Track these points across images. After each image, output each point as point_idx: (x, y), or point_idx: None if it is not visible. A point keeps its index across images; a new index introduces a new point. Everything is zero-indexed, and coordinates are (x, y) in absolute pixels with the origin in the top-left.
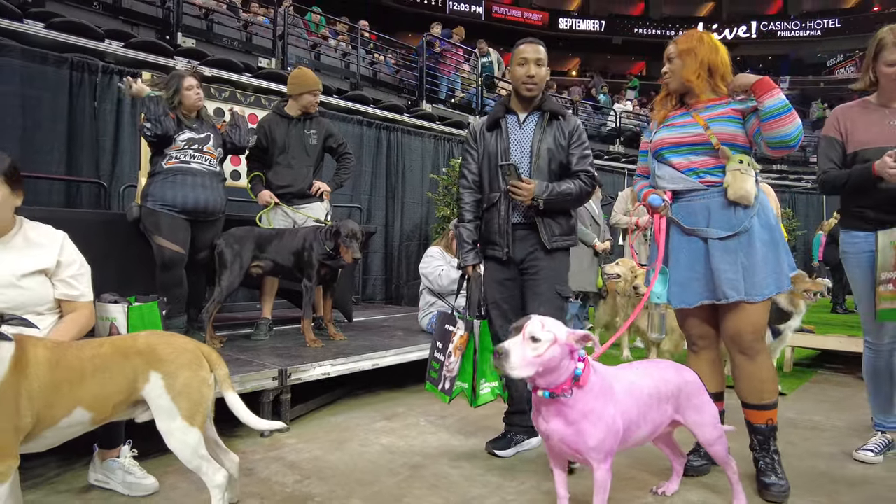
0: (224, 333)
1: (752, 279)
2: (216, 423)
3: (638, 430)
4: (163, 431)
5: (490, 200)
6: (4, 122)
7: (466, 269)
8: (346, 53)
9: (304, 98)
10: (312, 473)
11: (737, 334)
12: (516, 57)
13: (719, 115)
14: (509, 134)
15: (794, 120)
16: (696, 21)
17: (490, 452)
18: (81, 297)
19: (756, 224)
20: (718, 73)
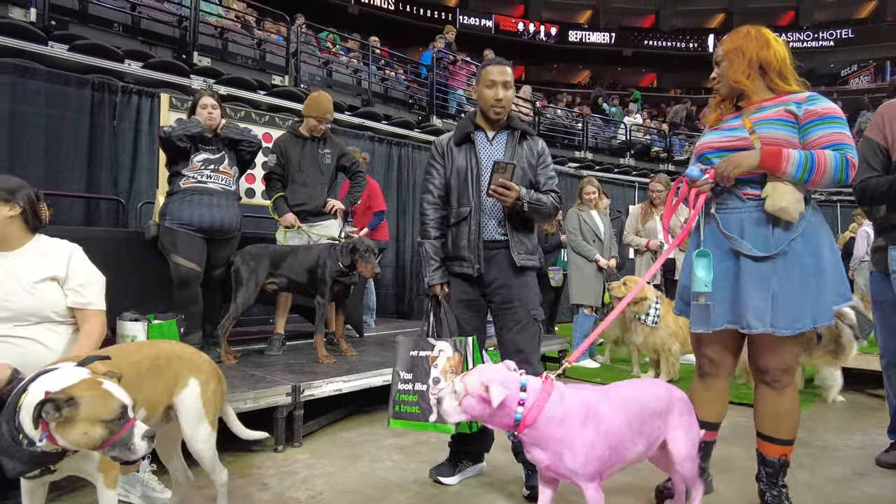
0: (238, 348)
1: (783, 310)
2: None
3: (634, 447)
4: (189, 435)
5: (459, 215)
6: (30, 142)
7: (433, 288)
8: (357, 70)
9: (310, 121)
10: (325, 489)
11: (765, 366)
12: (484, 78)
13: (769, 118)
14: (479, 150)
15: (827, 166)
16: (707, 32)
17: (434, 480)
18: (90, 304)
19: (798, 246)
20: (773, 68)
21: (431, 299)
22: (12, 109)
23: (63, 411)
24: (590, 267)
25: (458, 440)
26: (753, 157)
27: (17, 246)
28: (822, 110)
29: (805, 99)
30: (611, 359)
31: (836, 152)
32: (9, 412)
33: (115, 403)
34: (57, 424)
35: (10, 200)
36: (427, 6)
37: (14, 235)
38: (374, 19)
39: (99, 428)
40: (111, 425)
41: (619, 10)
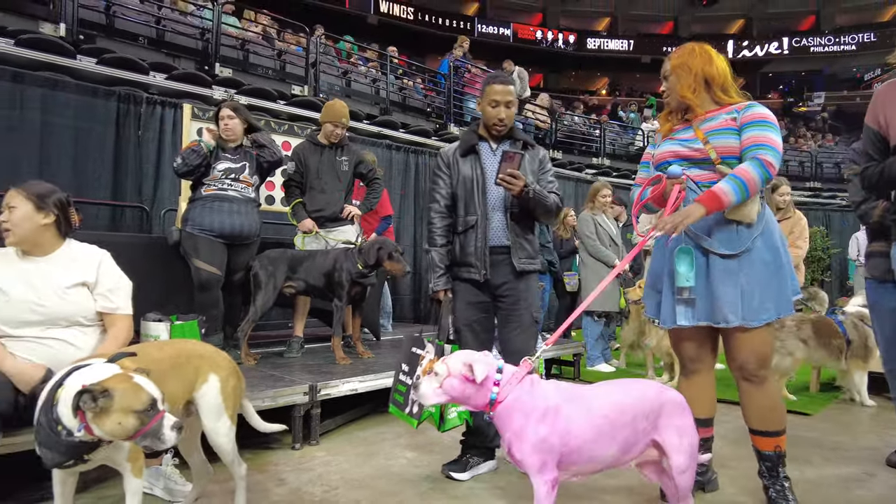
0: (258, 350)
1: (751, 303)
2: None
3: (606, 450)
4: (209, 429)
5: (467, 224)
6: (59, 152)
7: (437, 293)
8: (375, 79)
9: (326, 127)
10: (340, 484)
11: (742, 361)
12: (488, 96)
13: (717, 128)
14: (484, 161)
15: (753, 177)
16: (726, 38)
17: (446, 475)
18: (118, 309)
19: (759, 244)
20: (717, 83)
21: (435, 304)
22: (43, 120)
23: (99, 402)
24: (607, 272)
25: (469, 437)
26: (699, 209)
27: (50, 251)
28: (753, 115)
29: (743, 107)
30: (626, 363)
31: (752, 160)
32: (46, 406)
33: (146, 395)
34: (93, 415)
35: (44, 208)
36: (445, 15)
37: (47, 242)
38: (392, 29)
39: (131, 418)
40: (142, 416)
41: (637, 18)
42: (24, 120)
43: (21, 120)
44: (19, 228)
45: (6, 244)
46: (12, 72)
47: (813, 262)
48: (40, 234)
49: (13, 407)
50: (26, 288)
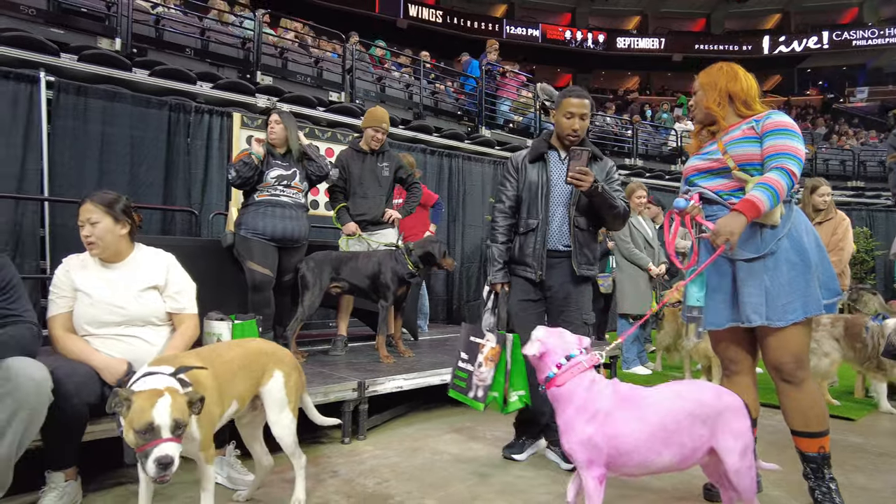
0: (304, 349)
1: (775, 303)
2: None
3: (657, 456)
4: (273, 421)
5: (528, 226)
6: (117, 160)
7: (495, 286)
8: (408, 85)
9: (367, 132)
10: (390, 477)
11: (777, 362)
12: (564, 108)
13: (736, 138)
14: (551, 168)
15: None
16: (762, 34)
17: (506, 457)
18: (184, 309)
19: (784, 246)
20: (739, 99)
21: (493, 295)
22: (102, 131)
23: (122, 408)
24: (642, 275)
25: (521, 422)
26: (741, 219)
27: (125, 257)
28: (772, 124)
29: (763, 116)
30: (662, 365)
31: (776, 169)
32: None
33: (145, 419)
34: (121, 418)
35: (120, 219)
36: (474, 18)
37: (123, 249)
38: (422, 32)
39: (131, 434)
40: (139, 436)
41: (668, 15)
42: (86, 131)
43: (84, 131)
44: (103, 241)
45: (91, 255)
46: (76, 86)
47: (856, 265)
48: (119, 243)
49: (100, 398)
50: (107, 292)
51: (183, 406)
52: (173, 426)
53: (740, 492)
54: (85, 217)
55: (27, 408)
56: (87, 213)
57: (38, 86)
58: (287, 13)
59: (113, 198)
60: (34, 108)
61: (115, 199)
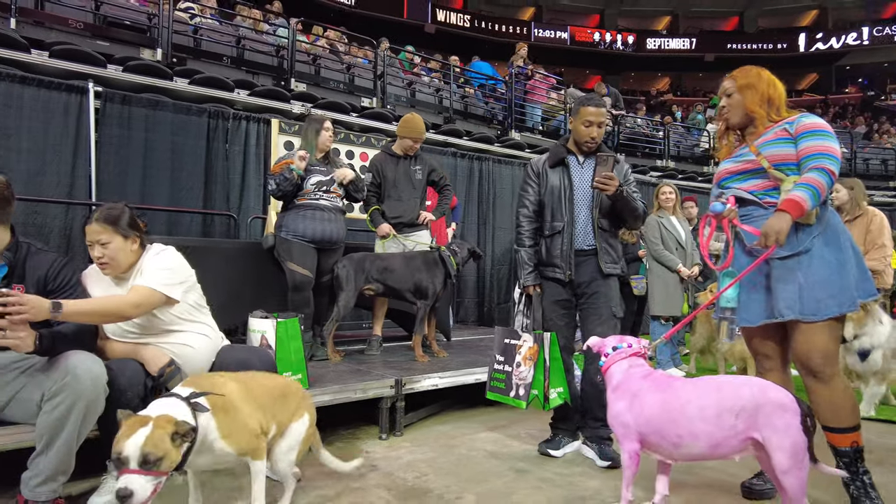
0: (341, 348)
1: (809, 299)
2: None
3: (682, 440)
4: (280, 455)
5: (554, 229)
6: (159, 166)
7: (527, 288)
8: (438, 89)
9: (405, 142)
10: (428, 471)
11: (805, 357)
12: (582, 117)
13: (769, 140)
14: (572, 172)
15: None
16: (798, 31)
17: (542, 453)
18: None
19: (819, 244)
20: (775, 105)
21: (525, 297)
22: (145, 138)
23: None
24: (672, 277)
25: (557, 421)
26: (786, 218)
27: (133, 269)
28: (807, 125)
29: (795, 118)
30: (696, 368)
31: (815, 169)
32: None
33: (116, 447)
34: None
35: (129, 235)
36: (501, 21)
37: (135, 260)
38: (450, 37)
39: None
40: (111, 462)
41: (699, 14)
42: (130, 138)
43: (128, 138)
44: (115, 261)
45: (104, 273)
46: (122, 95)
47: None
48: (131, 258)
49: (144, 388)
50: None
51: (160, 439)
52: (141, 459)
53: (786, 491)
54: (94, 238)
55: (85, 399)
56: (95, 234)
57: (87, 96)
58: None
59: (117, 213)
60: (83, 118)
61: (120, 213)
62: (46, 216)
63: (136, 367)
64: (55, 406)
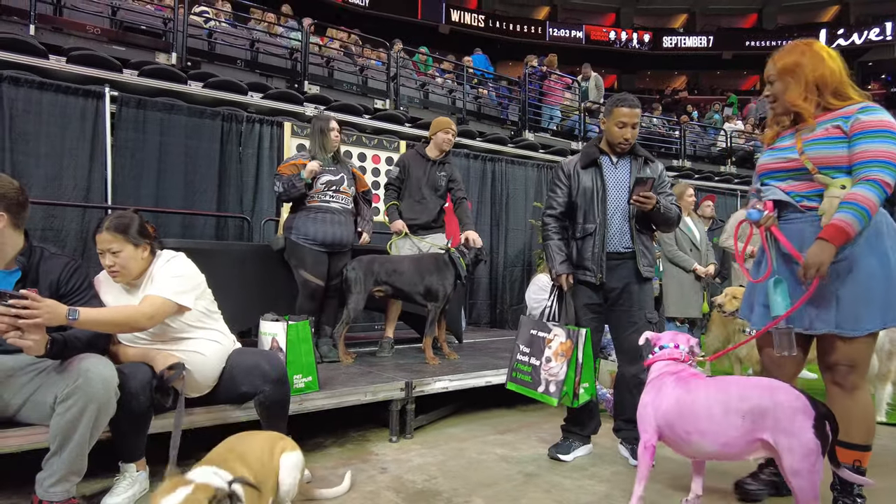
0: (352, 350)
1: (848, 312)
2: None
3: (688, 436)
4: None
5: (585, 231)
6: (173, 169)
7: (560, 278)
8: (452, 90)
9: (439, 136)
10: (438, 474)
11: (833, 363)
12: (615, 117)
13: (818, 137)
14: (605, 173)
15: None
16: (818, 27)
17: (552, 457)
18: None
19: (861, 253)
20: (829, 88)
21: (557, 288)
22: (160, 141)
23: None
24: (688, 278)
25: (568, 424)
26: (829, 249)
27: (143, 276)
28: (870, 122)
29: (856, 111)
30: (712, 370)
31: (867, 182)
32: None
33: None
34: None
35: (139, 244)
36: (516, 21)
37: (146, 267)
38: (464, 37)
39: None
40: None
41: (717, 12)
42: (146, 142)
43: (143, 141)
44: (126, 269)
45: (115, 282)
46: (137, 99)
47: None
48: (141, 266)
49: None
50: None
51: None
52: None
53: (796, 493)
54: (105, 247)
55: (96, 402)
56: (106, 243)
57: (104, 101)
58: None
59: (127, 221)
60: (99, 122)
61: (130, 221)
62: (63, 220)
63: (146, 370)
64: (68, 408)
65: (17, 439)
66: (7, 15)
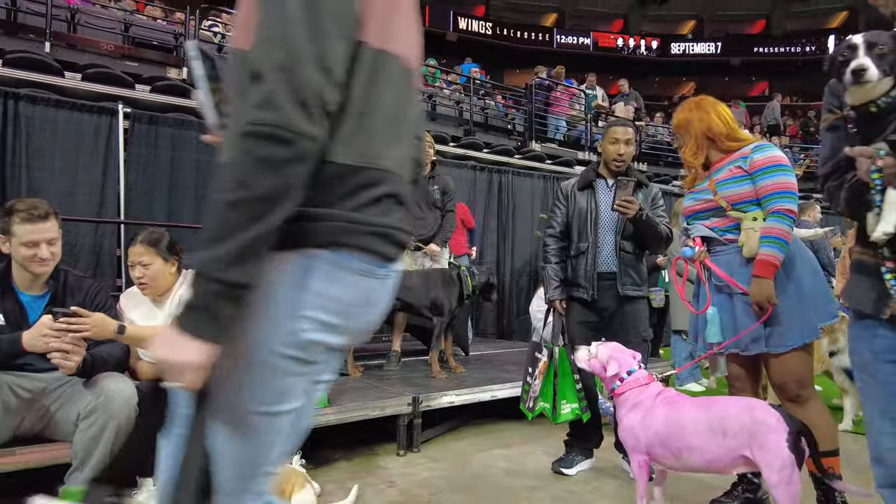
0: (360, 363)
1: (774, 331)
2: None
3: (676, 452)
4: None
5: (579, 249)
6: (184, 184)
7: (553, 303)
8: (458, 101)
9: None
10: (444, 488)
11: (782, 384)
12: (609, 136)
13: (725, 178)
14: (599, 195)
15: (784, 231)
16: (827, 33)
17: (556, 471)
18: None
19: (780, 277)
20: (721, 135)
21: (552, 312)
22: (172, 156)
23: None
24: (690, 289)
25: (572, 438)
26: (766, 282)
27: (170, 292)
28: (763, 160)
29: (750, 151)
30: (717, 382)
31: (774, 214)
32: None
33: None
34: None
35: (169, 259)
36: (524, 28)
37: (172, 283)
38: (471, 45)
39: None
40: None
41: (725, 18)
42: (157, 157)
43: (155, 156)
44: (155, 282)
45: (143, 294)
46: (149, 115)
47: None
48: (168, 281)
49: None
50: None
51: None
52: None
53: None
54: (136, 259)
55: (116, 419)
56: (138, 255)
57: (117, 117)
58: None
59: (158, 236)
60: (113, 138)
61: (160, 237)
62: (77, 234)
63: (163, 388)
64: (90, 425)
65: (41, 454)
66: (24, 33)
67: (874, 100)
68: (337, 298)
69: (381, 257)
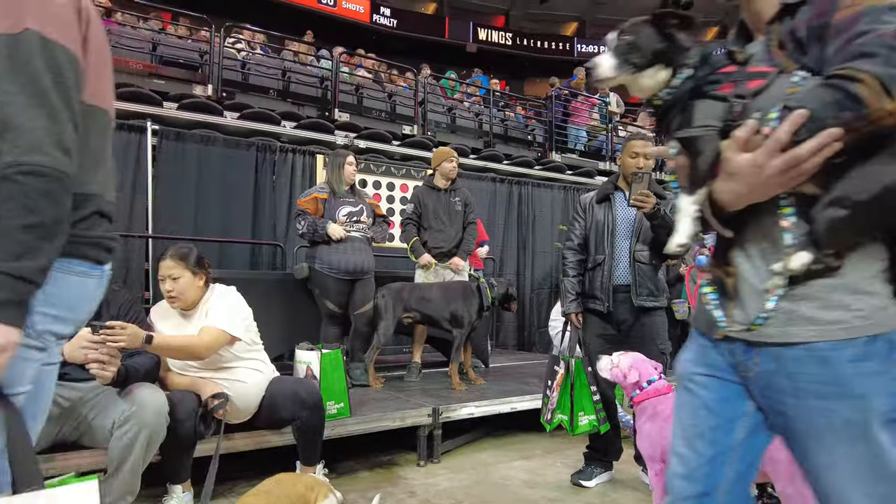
0: (381, 374)
1: None
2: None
3: None
4: None
5: (595, 261)
6: (210, 199)
7: (569, 316)
8: (478, 113)
9: (444, 166)
10: (464, 499)
11: None
12: (628, 149)
13: None
14: (616, 208)
15: None
16: None
17: (575, 483)
18: (212, 324)
19: None
20: None
21: (567, 325)
22: (198, 172)
23: None
24: None
25: (591, 451)
26: None
27: (199, 306)
28: None
29: None
30: None
31: None
32: None
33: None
34: None
35: (198, 272)
36: (544, 38)
37: (200, 298)
38: (491, 55)
39: None
40: None
41: None
42: (184, 173)
43: (182, 173)
44: (184, 296)
45: (172, 307)
46: (176, 132)
47: None
48: (197, 294)
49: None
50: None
51: None
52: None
53: None
54: (166, 273)
55: (149, 429)
56: (168, 269)
57: (146, 135)
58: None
59: (187, 251)
60: (142, 155)
61: (189, 251)
62: None
63: (193, 398)
64: (124, 433)
65: (79, 460)
66: None
67: (656, 93)
68: (61, 295)
69: (94, 261)
